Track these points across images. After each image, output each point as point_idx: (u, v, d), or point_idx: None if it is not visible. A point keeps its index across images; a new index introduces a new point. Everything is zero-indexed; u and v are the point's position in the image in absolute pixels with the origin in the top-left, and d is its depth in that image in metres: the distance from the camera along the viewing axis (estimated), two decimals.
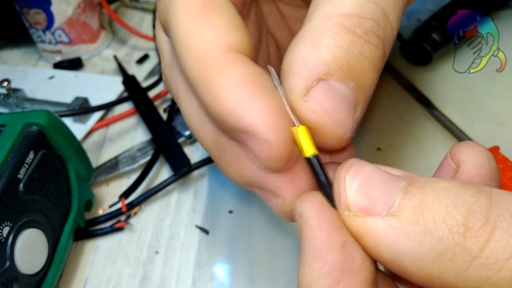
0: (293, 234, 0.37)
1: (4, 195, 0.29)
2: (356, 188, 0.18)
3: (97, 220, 0.40)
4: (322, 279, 0.17)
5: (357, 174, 0.18)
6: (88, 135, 0.50)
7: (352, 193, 0.18)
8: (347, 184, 0.18)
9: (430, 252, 0.16)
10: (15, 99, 0.52)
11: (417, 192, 0.17)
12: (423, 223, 0.16)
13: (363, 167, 0.19)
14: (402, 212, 0.17)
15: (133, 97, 0.51)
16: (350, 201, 0.18)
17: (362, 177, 0.18)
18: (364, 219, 0.17)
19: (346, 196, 0.18)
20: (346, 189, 0.18)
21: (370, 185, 0.18)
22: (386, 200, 0.17)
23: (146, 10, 0.72)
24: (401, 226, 0.17)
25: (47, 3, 0.56)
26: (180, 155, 0.43)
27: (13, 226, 0.30)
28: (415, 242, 0.16)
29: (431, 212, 0.16)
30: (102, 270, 0.37)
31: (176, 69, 0.25)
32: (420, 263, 0.16)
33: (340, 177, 0.19)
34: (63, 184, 0.36)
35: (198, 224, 0.39)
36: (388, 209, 0.17)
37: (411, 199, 0.17)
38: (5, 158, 0.31)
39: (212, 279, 0.35)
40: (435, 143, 0.42)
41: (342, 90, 0.20)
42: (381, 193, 0.18)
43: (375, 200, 0.18)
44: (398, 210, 0.17)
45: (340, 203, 0.18)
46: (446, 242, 0.16)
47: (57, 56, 0.62)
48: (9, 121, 0.34)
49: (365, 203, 0.18)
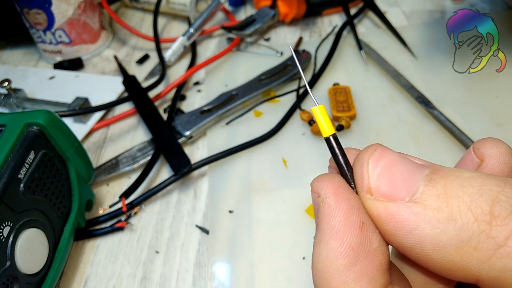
0: (294, 235, 0.37)
1: (5, 195, 0.29)
2: (380, 172, 0.18)
3: (98, 220, 0.40)
4: (339, 259, 0.17)
5: (380, 159, 0.18)
6: (88, 135, 0.50)
7: (376, 177, 0.18)
8: (371, 168, 0.18)
9: (453, 239, 0.16)
10: (16, 99, 0.52)
11: (441, 180, 0.17)
12: (447, 210, 0.16)
13: (387, 152, 0.18)
14: (425, 199, 0.17)
15: (134, 97, 0.51)
16: (373, 185, 0.18)
17: (385, 162, 0.18)
18: (386, 204, 0.17)
19: (369, 180, 0.18)
20: (370, 172, 0.18)
21: (394, 170, 0.18)
22: (409, 186, 0.17)
23: (147, 11, 0.72)
24: (424, 213, 0.16)
25: (48, 4, 0.56)
26: (180, 155, 0.43)
27: (14, 226, 0.30)
28: (437, 229, 0.16)
29: (456, 200, 0.16)
30: (103, 269, 0.37)
31: None
32: (443, 251, 0.16)
33: (363, 159, 0.18)
34: (63, 184, 0.36)
35: (198, 224, 0.39)
36: (411, 195, 0.17)
37: (435, 187, 0.17)
38: (5, 158, 0.31)
39: (212, 278, 0.35)
40: (435, 143, 0.42)
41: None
42: (404, 179, 0.17)
43: (398, 185, 0.17)
44: (421, 197, 0.17)
45: (362, 186, 0.18)
46: (471, 229, 0.15)
47: (58, 56, 0.62)
48: (9, 121, 0.34)
49: (388, 188, 0.18)
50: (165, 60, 0.57)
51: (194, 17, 0.65)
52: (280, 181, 0.41)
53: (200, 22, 0.59)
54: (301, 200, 0.39)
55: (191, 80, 0.56)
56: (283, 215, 0.38)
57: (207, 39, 0.64)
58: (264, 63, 0.54)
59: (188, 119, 0.47)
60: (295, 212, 0.38)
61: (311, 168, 0.42)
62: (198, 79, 0.56)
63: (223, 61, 0.57)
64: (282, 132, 0.45)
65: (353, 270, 0.17)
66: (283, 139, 0.45)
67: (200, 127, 0.47)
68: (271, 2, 0.62)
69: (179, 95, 0.53)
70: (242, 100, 0.49)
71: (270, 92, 0.50)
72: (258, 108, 0.49)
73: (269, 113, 0.48)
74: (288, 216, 0.38)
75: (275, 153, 0.43)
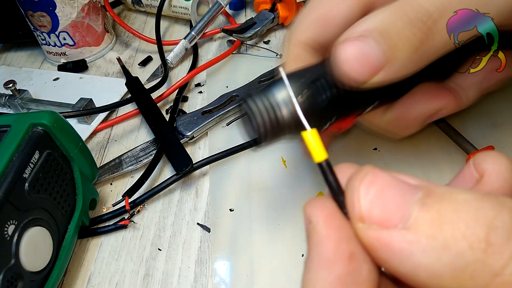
0: (293, 233, 0.37)
1: (10, 194, 0.30)
2: (371, 199, 0.17)
3: (101, 218, 0.41)
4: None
5: (372, 184, 0.18)
6: (92, 135, 0.51)
7: (367, 204, 0.17)
8: (362, 194, 0.17)
9: (448, 267, 0.15)
10: (20, 100, 0.53)
11: (434, 204, 0.16)
12: (441, 238, 0.15)
13: (379, 176, 0.18)
14: (419, 226, 0.16)
15: (137, 99, 0.52)
16: (365, 212, 0.17)
17: (377, 187, 0.17)
18: (379, 232, 0.17)
19: (361, 207, 0.17)
20: (361, 199, 0.17)
21: (386, 196, 0.17)
22: (402, 212, 0.17)
23: (149, 14, 0.73)
24: (418, 240, 0.16)
25: (52, 6, 0.57)
26: (182, 154, 0.43)
27: (18, 224, 0.30)
28: (432, 257, 0.16)
29: (450, 226, 0.15)
30: (106, 267, 0.38)
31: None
32: (438, 279, 0.16)
33: (354, 186, 0.18)
34: (67, 183, 0.37)
35: (200, 222, 0.40)
36: (404, 222, 0.16)
37: (428, 212, 0.16)
38: (10, 158, 0.31)
39: (213, 275, 0.36)
40: (431, 143, 0.42)
41: (372, 48, 0.24)
42: (397, 205, 0.17)
43: (391, 212, 0.17)
44: (415, 223, 0.16)
45: (353, 214, 0.18)
46: (466, 258, 0.15)
47: (62, 58, 0.63)
48: (14, 122, 0.34)
49: (380, 215, 0.17)
50: (167, 62, 0.57)
51: (195, 20, 0.65)
52: (279, 180, 0.42)
53: (201, 25, 0.60)
54: (301, 199, 0.39)
55: (192, 81, 0.57)
56: (283, 213, 0.39)
57: (208, 41, 0.64)
58: (264, 65, 0.55)
59: (190, 119, 0.48)
60: (294, 210, 0.39)
61: (310, 168, 0.42)
62: (200, 81, 0.57)
63: (224, 63, 0.58)
64: None
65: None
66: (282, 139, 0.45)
67: (201, 127, 0.47)
68: (270, 6, 0.62)
69: (181, 96, 0.53)
70: None
71: None
72: None
73: None
74: (287, 214, 0.39)
75: (274, 153, 0.44)
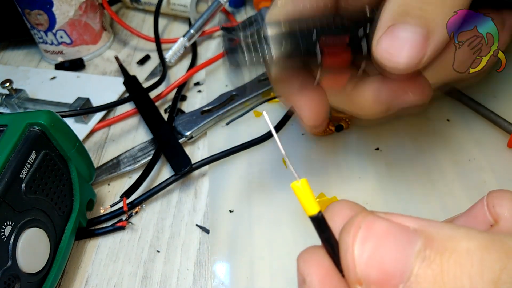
0: (294, 234, 0.37)
1: (6, 194, 0.30)
2: (367, 259, 0.16)
3: (99, 219, 0.41)
4: None
5: (367, 240, 0.16)
6: (89, 135, 0.51)
7: (363, 266, 0.16)
8: (357, 255, 0.16)
9: None
10: (17, 99, 0.52)
11: (435, 257, 0.15)
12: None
13: (373, 225, 0.17)
14: (421, 284, 0.15)
15: (134, 98, 0.51)
16: (362, 275, 0.16)
17: (372, 242, 0.16)
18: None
19: (356, 271, 0.16)
20: (356, 261, 0.16)
21: (383, 251, 0.16)
22: (402, 269, 0.15)
23: (147, 12, 0.72)
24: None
25: (49, 5, 0.56)
26: (181, 155, 0.43)
27: (15, 225, 0.30)
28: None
29: (454, 283, 0.15)
30: (104, 268, 0.38)
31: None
32: None
33: (347, 245, 0.17)
34: (65, 183, 0.36)
35: (199, 223, 0.40)
36: (405, 281, 0.15)
37: (429, 267, 0.15)
38: (7, 158, 0.31)
39: (213, 277, 0.35)
40: (434, 143, 0.42)
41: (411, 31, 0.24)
42: (396, 262, 0.16)
43: (390, 271, 0.16)
44: (416, 281, 0.15)
45: (349, 277, 0.17)
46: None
47: (59, 57, 0.63)
48: (11, 121, 0.34)
49: (378, 275, 0.16)
50: (165, 61, 0.57)
51: (194, 18, 0.65)
52: (279, 181, 0.41)
53: (200, 23, 0.59)
54: None
55: (191, 80, 0.57)
56: (283, 214, 0.38)
57: (208, 40, 0.64)
58: None
59: (189, 119, 0.48)
60: (295, 211, 0.38)
61: (311, 168, 0.42)
62: (199, 80, 0.56)
63: (223, 61, 0.58)
64: (282, 132, 0.46)
65: None
66: (282, 139, 0.45)
67: (200, 127, 0.47)
68: (270, 3, 0.62)
69: (179, 95, 0.53)
70: (242, 100, 0.49)
71: (270, 92, 0.50)
72: (258, 108, 0.49)
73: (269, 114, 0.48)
74: (287, 215, 0.38)
75: (275, 153, 0.44)
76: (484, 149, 0.41)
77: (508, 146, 0.40)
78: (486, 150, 0.40)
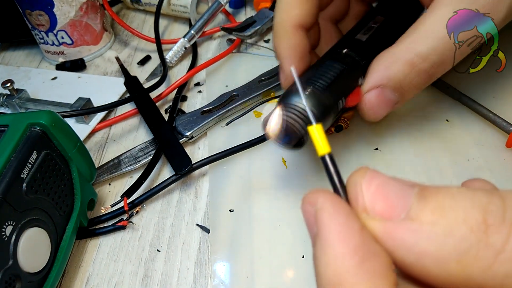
0: (294, 233, 0.37)
1: (7, 194, 0.30)
2: (374, 191, 0.18)
3: (100, 219, 0.41)
4: (347, 260, 0.17)
5: (373, 179, 0.19)
6: (90, 135, 0.51)
7: (370, 196, 0.18)
8: (364, 188, 0.18)
9: (453, 252, 0.16)
10: (18, 99, 0.52)
11: (432, 196, 0.17)
12: (443, 224, 0.16)
13: (377, 173, 0.19)
14: (420, 215, 0.17)
15: (135, 98, 0.51)
16: (368, 204, 0.18)
17: (378, 182, 0.19)
18: (382, 223, 0.18)
19: (364, 199, 0.18)
20: (364, 192, 0.18)
21: (387, 189, 0.18)
22: (403, 203, 0.17)
23: (148, 12, 0.72)
24: (421, 228, 0.17)
25: (50, 5, 0.57)
26: (182, 154, 0.43)
27: (16, 225, 0.30)
28: (436, 244, 0.16)
29: (450, 213, 0.16)
30: (104, 268, 0.38)
31: None
32: (444, 265, 0.16)
33: (356, 180, 0.19)
34: (66, 183, 0.36)
35: (199, 223, 0.40)
36: (406, 212, 0.17)
37: (428, 202, 0.17)
38: (8, 158, 0.31)
39: (213, 276, 0.35)
40: (433, 144, 0.42)
41: (389, 95, 0.35)
42: (398, 198, 0.18)
43: (393, 203, 0.18)
44: (416, 212, 0.17)
45: (357, 206, 0.19)
46: (469, 240, 0.16)
47: (60, 57, 0.63)
48: (12, 122, 0.34)
49: (383, 206, 0.18)
50: (166, 61, 0.57)
51: (195, 19, 0.65)
52: (280, 180, 0.41)
53: (200, 23, 0.59)
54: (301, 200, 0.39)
55: (192, 81, 0.57)
56: (283, 214, 0.39)
57: (208, 40, 0.64)
58: (264, 64, 0.55)
59: (189, 119, 0.48)
60: (295, 211, 0.38)
61: (311, 168, 0.42)
62: (199, 80, 0.57)
63: (223, 62, 0.58)
64: None
65: (363, 268, 0.17)
66: None
67: (201, 127, 0.47)
68: (270, 4, 0.62)
69: (180, 95, 0.53)
70: (242, 100, 0.49)
71: (270, 93, 0.50)
72: (258, 108, 0.49)
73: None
74: (287, 215, 0.38)
75: (274, 153, 0.44)
76: (483, 149, 0.41)
77: (507, 146, 0.40)
78: (485, 150, 0.41)
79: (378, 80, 0.35)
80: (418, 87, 0.35)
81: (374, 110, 0.36)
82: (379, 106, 0.36)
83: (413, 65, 0.33)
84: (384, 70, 0.34)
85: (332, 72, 0.35)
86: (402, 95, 0.35)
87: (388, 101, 0.35)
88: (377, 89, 0.35)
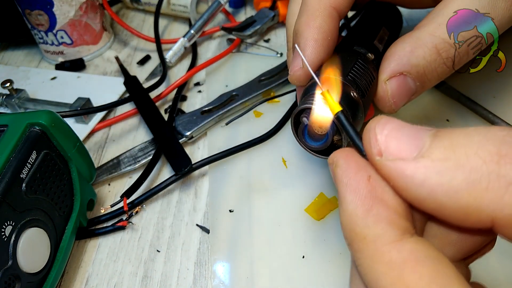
0: (293, 234, 0.37)
1: (7, 194, 0.30)
2: (387, 134, 0.19)
3: (99, 219, 0.41)
4: (356, 208, 0.19)
5: (386, 124, 0.19)
6: (90, 135, 0.51)
7: (384, 138, 0.19)
8: (378, 131, 0.19)
9: (464, 183, 0.16)
10: (18, 99, 0.52)
11: (446, 135, 0.18)
12: (454, 158, 0.17)
13: (392, 119, 0.20)
14: (432, 153, 0.17)
15: (135, 98, 0.51)
16: (382, 145, 0.19)
17: (392, 125, 0.19)
18: (396, 162, 0.18)
19: (377, 142, 0.19)
20: (377, 135, 0.19)
21: (400, 131, 0.19)
22: (416, 143, 0.18)
23: (148, 12, 0.72)
24: (432, 164, 0.17)
25: (49, 5, 0.56)
26: (181, 155, 0.43)
27: (16, 225, 0.30)
28: (447, 177, 0.17)
29: (462, 148, 0.17)
30: (104, 268, 0.38)
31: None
32: (455, 196, 0.16)
33: (370, 127, 0.20)
34: (65, 183, 0.36)
35: (199, 223, 0.40)
36: (419, 151, 0.18)
37: (441, 141, 0.18)
38: (7, 158, 0.31)
39: (213, 277, 0.35)
40: None
41: (410, 84, 0.31)
42: (411, 138, 0.18)
43: (406, 144, 0.18)
44: (429, 151, 0.18)
45: (371, 150, 0.19)
46: (480, 171, 0.16)
47: (59, 57, 0.63)
48: (11, 122, 0.34)
49: (396, 146, 0.19)
50: (166, 61, 0.57)
51: (194, 19, 0.65)
52: (280, 180, 0.41)
53: (200, 23, 0.59)
54: (301, 200, 0.39)
55: (191, 80, 0.57)
56: (283, 214, 0.38)
57: (208, 40, 0.64)
58: (264, 64, 0.55)
59: (189, 119, 0.48)
60: (295, 211, 0.38)
61: (311, 168, 0.42)
62: (199, 80, 0.56)
63: (223, 62, 0.58)
64: (282, 132, 0.46)
65: (371, 214, 0.18)
66: (283, 139, 0.45)
67: (200, 127, 0.47)
68: (271, 3, 0.62)
69: (179, 95, 0.53)
70: (242, 100, 0.49)
71: (270, 92, 0.50)
72: (258, 108, 0.49)
73: (269, 113, 0.48)
74: (287, 215, 0.38)
75: (275, 153, 0.44)
76: None
77: None
78: None
79: (401, 66, 0.31)
80: (440, 77, 0.32)
81: (396, 99, 0.32)
82: (400, 96, 0.32)
83: (439, 52, 0.30)
84: (407, 55, 0.31)
85: (368, 76, 0.32)
86: (423, 84, 0.32)
87: (409, 89, 0.32)
88: (399, 77, 0.31)
